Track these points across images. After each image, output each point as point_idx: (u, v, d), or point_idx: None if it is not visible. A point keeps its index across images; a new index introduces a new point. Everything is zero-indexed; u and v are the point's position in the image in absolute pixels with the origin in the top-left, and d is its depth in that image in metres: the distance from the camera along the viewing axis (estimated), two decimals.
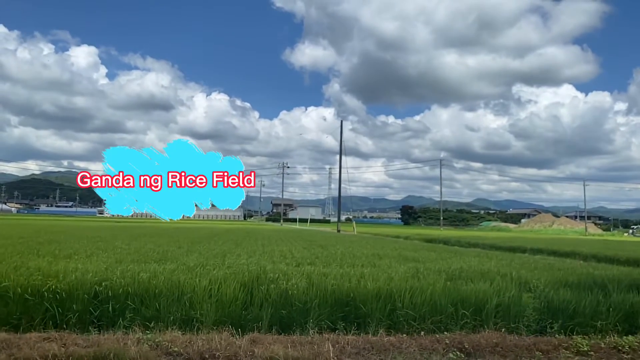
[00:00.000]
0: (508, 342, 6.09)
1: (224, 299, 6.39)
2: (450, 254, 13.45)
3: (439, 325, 6.47)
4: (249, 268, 7.92)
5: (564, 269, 9.75)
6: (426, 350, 5.79)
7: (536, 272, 8.98)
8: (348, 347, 5.73)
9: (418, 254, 13.01)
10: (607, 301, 7.12)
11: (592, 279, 8.57)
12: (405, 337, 6.15)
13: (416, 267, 9.08)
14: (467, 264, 10.29)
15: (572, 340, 6.20)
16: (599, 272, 9.31)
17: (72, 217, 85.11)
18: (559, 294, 6.99)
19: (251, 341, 5.72)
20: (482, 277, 8.11)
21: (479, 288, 7.09)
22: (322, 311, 6.48)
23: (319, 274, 7.65)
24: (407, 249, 15.25)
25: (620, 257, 18.89)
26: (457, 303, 6.72)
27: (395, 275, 7.82)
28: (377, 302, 6.54)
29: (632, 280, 8.61)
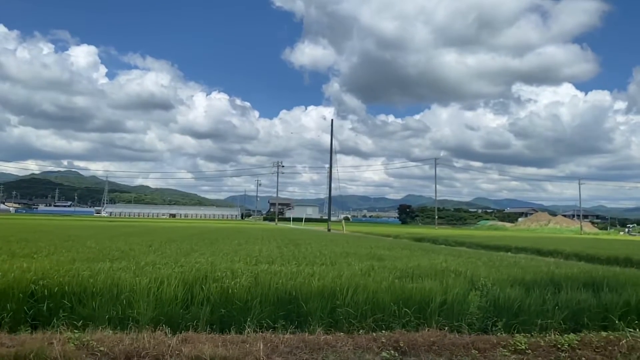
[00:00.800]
0: (446, 341, 6.05)
1: (163, 298, 6.34)
2: (423, 252, 13.39)
3: (380, 324, 6.42)
4: (200, 267, 7.86)
5: (526, 267, 9.69)
6: (361, 348, 5.75)
7: (493, 270, 8.92)
8: (281, 346, 5.69)
9: (388, 252, 12.97)
10: (554, 299, 7.08)
11: (550, 278, 8.52)
12: (342, 336, 6.10)
13: (372, 265, 9.04)
14: (430, 262, 10.24)
15: (512, 339, 6.16)
16: (560, 271, 9.25)
17: (68, 217, 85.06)
18: (505, 292, 6.93)
19: (183, 340, 5.67)
20: (435, 275, 8.07)
21: (425, 286, 7.05)
22: (263, 310, 6.44)
23: (269, 272, 7.59)
24: (382, 248, 15.20)
25: (600, 256, 18.87)
26: (401, 301, 6.67)
27: (346, 273, 7.77)
28: (319, 301, 6.50)
29: (590, 279, 8.57)
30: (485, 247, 26.40)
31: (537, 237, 39.08)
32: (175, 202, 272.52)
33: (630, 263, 17.44)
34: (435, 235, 34.09)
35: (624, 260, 17.76)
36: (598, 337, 6.31)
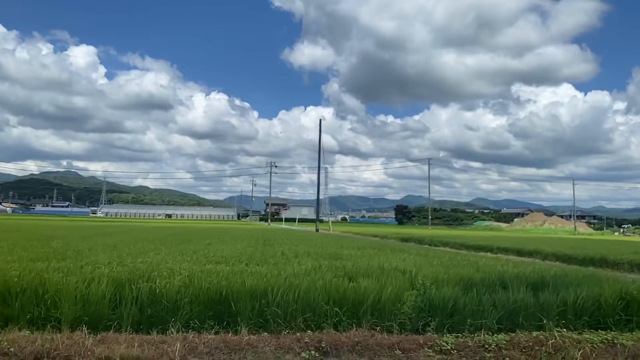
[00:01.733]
0: (371, 341, 5.99)
1: (90, 298, 6.27)
2: (388, 252, 13.31)
3: (309, 324, 6.36)
4: (141, 267, 7.81)
5: (482, 267, 9.60)
6: (283, 349, 5.69)
7: (444, 270, 8.84)
8: (201, 347, 5.63)
9: (353, 252, 12.92)
10: (492, 299, 7.01)
11: (499, 277, 8.44)
12: (267, 336, 6.04)
13: (320, 264, 8.98)
14: (387, 261, 10.17)
15: (439, 339, 6.10)
16: (513, 270, 9.16)
17: (61, 217, 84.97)
18: (442, 291, 6.86)
19: (100, 341, 5.61)
20: (380, 275, 7.99)
21: (362, 286, 6.98)
22: (193, 310, 6.37)
23: (210, 272, 7.54)
24: (352, 248, 15.13)
25: (577, 256, 18.83)
26: (334, 301, 6.61)
27: (287, 272, 7.71)
28: (249, 301, 6.43)
29: (539, 278, 8.49)
30: (468, 247, 26.34)
31: (524, 238, 39.01)
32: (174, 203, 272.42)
33: (605, 263, 17.40)
34: (422, 236, 34.01)
35: (598, 260, 17.72)
36: (527, 337, 6.24)
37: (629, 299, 7.14)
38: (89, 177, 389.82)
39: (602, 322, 6.92)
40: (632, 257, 16.88)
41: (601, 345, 6.14)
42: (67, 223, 40.18)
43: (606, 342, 6.26)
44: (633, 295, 7.14)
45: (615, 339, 6.32)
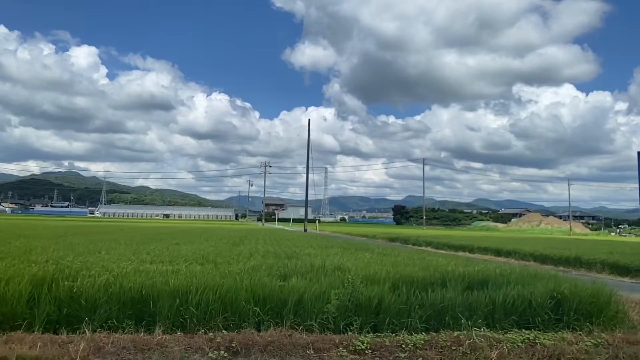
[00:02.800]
0: (286, 341, 5.91)
1: (7, 297, 6.19)
2: (353, 252, 13.22)
3: (229, 324, 6.29)
4: (73, 265, 7.74)
5: (436, 266, 9.46)
6: (192, 349, 5.62)
7: (389, 268, 8.71)
8: (108, 346, 5.55)
9: (314, 251, 12.85)
10: (421, 298, 6.92)
11: (441, 276, 8.33)
12: (181, 336, 5.97)
13: (262, 264, 8.90)
14: (340, 260, 10.09)
15: (356, 339, 6.01)
16: (460, 269, 9.04)
17: (57, 217, 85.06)
18: (370, 290, 6.76)
19: (5, 341, 5.54)
20: (316, 274, 7.91)
21: (290, 285, 6.89)
22: (112, 309, 6.29)
23: (142, 271, 7.46)
24: (319, 247, 15.04)
25: (554, 256, 18.73)
26: (259, 300, 6.53)
27: (221, 272, 7.62)
28: (169, 300, 6.35)
29: (484, 277, 8.35)
30: (450, 246, 26.27)
31: (510, 238, 38.88)
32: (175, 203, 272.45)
33: (579, 263, 17.30)
34: (410, 236, 33.92)
35: (573, 260, 17.61)
36: (447, 337, 6.16)
37: (559, 298, 7.04)
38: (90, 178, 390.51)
39: (531, 321, 6.82)
40: (605, 257, 16.76)
41: (521, 345, 6.06)
42: (55, 223, 40.16)
43: (527, 341, 6.18)
44: (564, 294, 7.04)
45: (537, 338, 6.23)
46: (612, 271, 15.65)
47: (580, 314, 6.97)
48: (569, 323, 6.87)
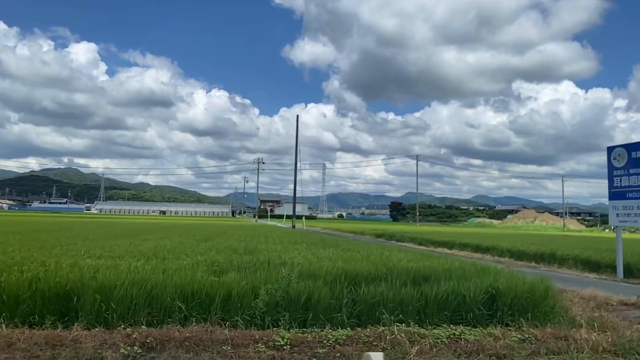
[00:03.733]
0: (204, 337, 5.83)
1: None
2: (319, 247, 13.14)
3: (152, 319, 6.21)
4: (8, 261, 7.66)
5: (385, 262, 9.38)
6: (106, 345, 5.53)
7: (338, 264, 8.61)
8: (20, 342, 5.48)
9: (279, 247, 12.79)
10: (355, 293, 6.85)
11: (387, 271, 8.24)
12: (98, 332, 5.89)
13: (205, 259, 8.81)
14: (293, 256, 10.01)
15: (276, 334, 5.94)
16: (412, 265, 8.96)
17: (51, 213, 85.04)
18: (301, 286, 6.68)
19: None
20: (256, 269, 7.83)
21: (222, 281, 6.81)
22: (36, 304, 6.22)
23: (75, 266, 7.38)
24: (288, 243, 14.98)
25: (530, 252, 18.67)
26: (187, 296, 6.45)
27: (158, 268, 7.53)
28: (93, 295, 6.26)
29: (430, 272, 8.26)
30: (434, 242, 26.23)
31: (500, 234, 38.80)
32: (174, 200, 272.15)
33: (553, 259, 17.24)
34: (396, 232, 33.89)
35: (547, 256, 17.55)
36: (370, 333, 6.09)
37: (494, 293, 6.96)
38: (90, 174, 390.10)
39: (464, 316, 6.75)
40: (578, 253, 16.69)
41: (445, 341, 5.99)
42: (43, 219, 40.12)
43: (453, 337, 6.11)
44: (499, 289, 6.96)
45: (463, 334, 6.16)
46: (584, 267, 15.58)
47: (515, 309, 6.90)
48: (503, 318, 6.80)
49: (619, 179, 14.13)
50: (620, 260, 14.10)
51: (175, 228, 27.85)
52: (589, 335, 6.13)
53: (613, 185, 14.35)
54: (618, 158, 14.20)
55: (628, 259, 14.61)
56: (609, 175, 14.49)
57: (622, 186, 14.00)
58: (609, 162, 14.51)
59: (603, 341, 6.04)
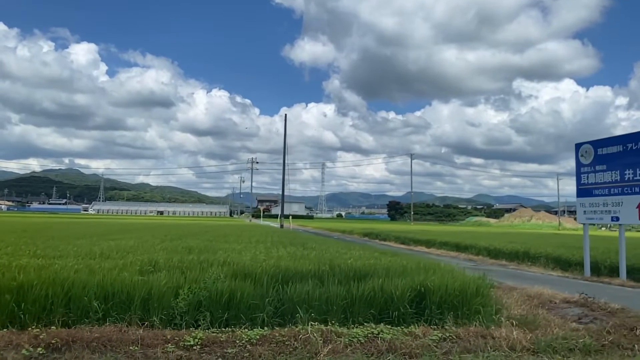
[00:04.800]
0: (115, 337, 5.73)
1: None
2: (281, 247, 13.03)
3: (67, 319, 6.12)
4: None
5: (328, 260, 9.24)
6: (10, 346, 5.44)
7: (283, 262, 8.50)
8: None
9: (240, 247, 12.68)
10: (282, 292, 6.75)
11: (329, 269, 8.13)
12: (6, 333, 5.78)
13: (143, 259, 8.71)
14: (242, 256, 9.90)
15: (189, 334, 5.83)
16: (357, 263, 8.85)
17: (47, 214, 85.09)
18: (224, 285, 6.57)
19: None
20: (189, 268, 7.72)
21: (149, 280, 6.72)
22: None
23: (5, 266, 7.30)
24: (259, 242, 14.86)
25: (506, 250, 18.56)
26: (106, 296, 6.35)
27: (94, 267, 7.45)
28: (7, 295, 6.17)
29: (368, 271, 8.10)
30: (416, 241, 26.13)
31: (487, 232, 38.70)
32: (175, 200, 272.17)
33: (527, 257, 17.12)
34: (382, 231, 33.82)
35: (522, 254, 17.43)
36: (286, 332, 5.98)
37: (423, 291, 6.85)
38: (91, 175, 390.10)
39: (392, 315, 6.64)
40: (550, 251, 16.58)
41: (361, 340, 5.88)
42: (33, 220, 40.09)
43: (371, 335, 6.00)
44: (428, 287, 6.85)
45: (382, 332, 6.05)
46: (555, 265, 15.46)
47: (444, 307, 6.78)
48: (431, 317, 6.68)
49: (586, 176, 14.00)
50: (587, 258, 13.98)
51: (158, 228, 27.77)
52: (509, 334, 6.02)
53: (580, 182, 14.22)
54: (585, 155, 14.07)
55: (598, 257, 14.49)
56: (577, 172, 14.36)
57: (589, 183, 13.87)
58: (576, 159, 14.38)
59: (523, 339, 5.94)
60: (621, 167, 12.76)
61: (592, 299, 8.24)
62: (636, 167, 12.29)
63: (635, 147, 12.36)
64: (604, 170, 13.33)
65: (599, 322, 7.03)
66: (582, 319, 7.37)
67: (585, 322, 7.21)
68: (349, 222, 78.66)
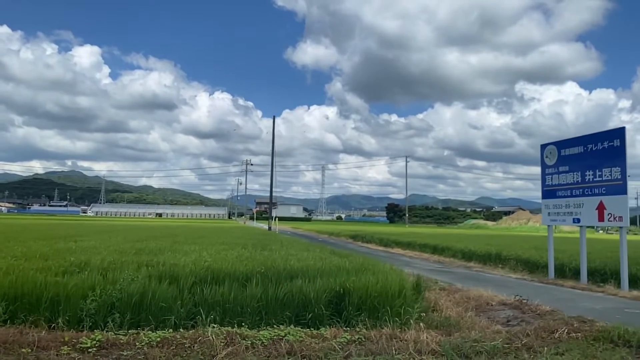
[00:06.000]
0: (10, 339, 5.61)
1: None
2: (236, 249, 12.92)
3: None
4: None
5: (270, 262, 9.13)
6: None
7: (212, 264, 8.39)
8: None
9: (199, 247, 12.59)
10: (201, 294, 6.64)
11: (264, 270, 8.01)
12: None
13: (78, 261, 8.61)
14: (182, 257, 9.79)
15: (87, 337, 5.72)
16: (300, 265, 8.73)
17: (46, 215, 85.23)
18: (135, 286, 6.46)
19: None
20: (114, 270, 7.62)
21: (64, 281, 6.62)
22: None
23: None
24: (219, 243, 14.76)
25: (480, 252, 18.40)
26: (16, 296, 6.25)
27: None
28: None
29: (297, 271, 7.97)
30: (398, 243, 26.04)
31: (476, 235, 38.47)
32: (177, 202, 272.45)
33: (498, 259, 16.97)
34: (367, 233, 33.72)
35: (494, 256, 17.28)
36: (190, 334, 5.85)
37: (342, 292, 6.72)
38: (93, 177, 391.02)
39: (308, 316, 6.51)
40: (520, 253, 16.42)
41: (265, 342, 5.76)
42: (24, 222, 40.13)
43: (276, 338, 5.88)
44: (347, 288, 6.73)
45: (288, 335, 5.93)
46: (524, 267, 15.30)
47: (364, 309, 6.65)
48: (349, 318, 6.55)
49: (550, 177, 13.84)
50: (552, 261, 13.82)
51: (140, 230, 27.71)
52: (418, 336, 5.89)
53: (545, 183, 14.07)
54: (549, 156, 13.92)
55: (565, 259, 14.33)
56: (542, 173, 14.22)
57: (553, 184, 13.71)
58: (542, 160, 14.24)
59: (432, 342, 5.80)
60: (582, 169, 12.61)
61: (526, 301, 8.08)
62: (596, 169, 12.14)
63: (595, 148, 12.21)
64: (567, 172, 13.18)
65: (524, 324, 6.89)
66: (511, 321, 7.23)
67: (513, 324, 7.07)
68: (344, 225, 78.48)
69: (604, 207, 11.88)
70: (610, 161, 11.71)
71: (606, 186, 11.82)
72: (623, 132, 11.56)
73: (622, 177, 11.46)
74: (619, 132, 11.65)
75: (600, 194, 11.99)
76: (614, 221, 11.78)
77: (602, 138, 12.03)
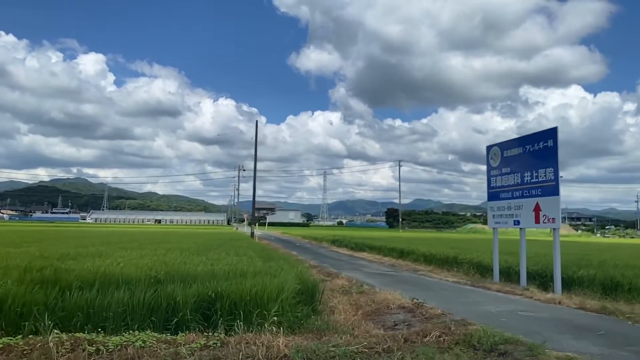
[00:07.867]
0: None
1: None
2: (184, 254, 12.79)
3: None
4: None
5: (169, 266, 8.97)
6: None
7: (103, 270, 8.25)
8: None
9: (142, 252, 12.47)
10: (62, 298, 6.49)
11: (164, 274, 7.85)
12: None
13: None
14: (107, 262, 9.65)
15: None
16: (216, 268, 8.59)
17: (45, 222, 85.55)
18: None
19: None
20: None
21: None
22: None
23: None
24: (154, 248, 14.63)
25: (438, 256, 18.17)
26: None
27: None
28: None
29: (188, 277, 7.81)
30: (372, 247, 25.82)
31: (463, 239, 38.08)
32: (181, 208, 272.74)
33: (454, 262, 16.73)
34: (346, 237, 33.59)
35: (451, 260, 17.04)
36: (32, 341, 5.68)
37: (213, 297, 6.55)
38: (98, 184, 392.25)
39: (177, 322, 6.34)
40: (472, 257, 16.19)
41: (110, 348, 5.57)
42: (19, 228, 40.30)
43: (125, 344, 5.70)
44: (218, 293, 6.55)
45: (138, 340, 5.74)
46: (475, 271, 15.06)
47: (236, 313, 6.47)
48: (217, 323, 6.37)
49: (495, 179, 13.61)
50: (497, 264, 13.58)
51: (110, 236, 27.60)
52: (272, 341, 5.69)
53: (490, 185, 13.84)
54: (494, 157, 13.69)
55: (513, 262, 14.06)
56: (487, 175, 13.99)
57: (497, 186, 13.47)
58: (487, 162, 14.01)
59: (285, 347, 5.61)
60: (521, 170, 12.38)
61: (422, 303, 7.87)
62: (532, 170, 11.91)
63: (532, 149, 11.98)
64: (509, 173, 12.95)
65: (408, 328, 6.69)
66: (398, 324, 7.03)
67: (399, 328, 6.86)
68: (341, 230, 78.18)
69: (540, 209, 11.64)
70: (544, 162, 11.47)
71: (542, 187, 11.58)
72: (555, 132, 11.31)
73: (554, 178, 11.22)
74: (552, 132, 11.40)
75: (536, 195, 11.76)
76: (548, 222, 11.55)
77: (538, 139, 11.80)
